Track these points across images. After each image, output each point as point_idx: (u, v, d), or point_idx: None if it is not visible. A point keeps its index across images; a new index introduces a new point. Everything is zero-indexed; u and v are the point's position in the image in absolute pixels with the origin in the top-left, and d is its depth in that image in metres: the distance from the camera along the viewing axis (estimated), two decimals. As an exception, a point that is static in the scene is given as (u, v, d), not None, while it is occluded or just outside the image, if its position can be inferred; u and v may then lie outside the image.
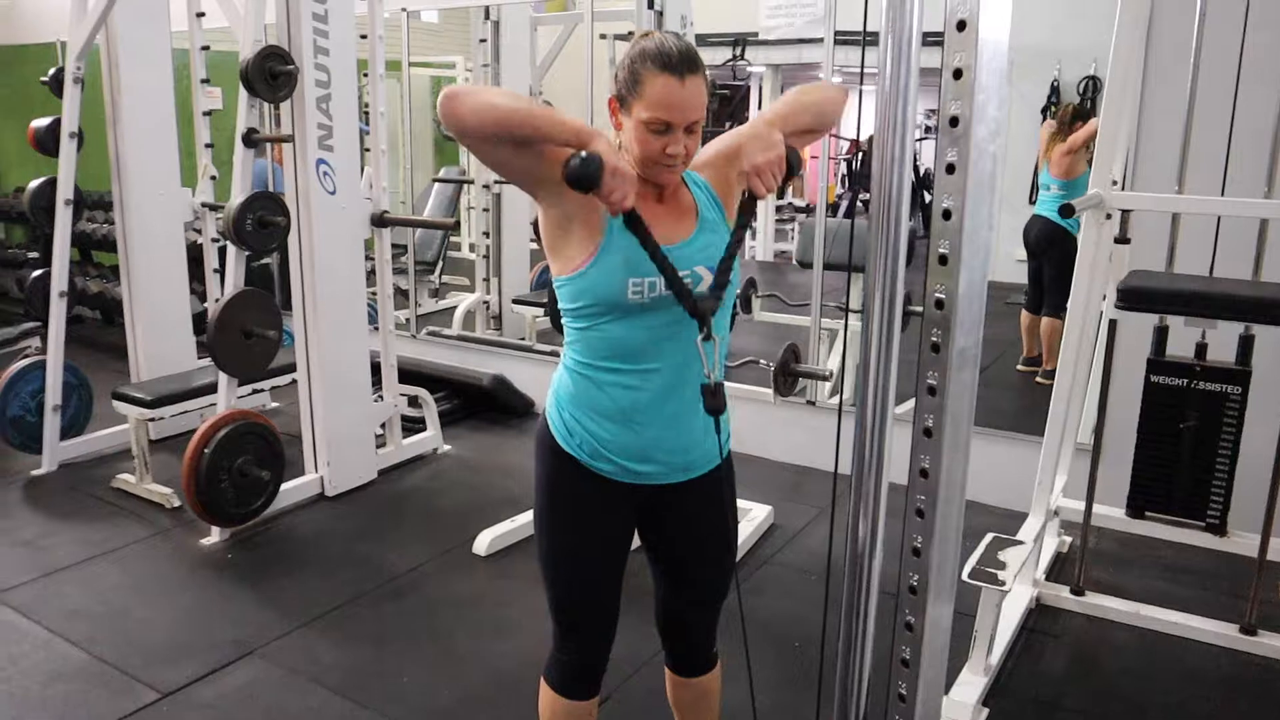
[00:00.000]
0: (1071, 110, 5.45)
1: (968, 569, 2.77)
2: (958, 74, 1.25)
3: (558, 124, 1.60)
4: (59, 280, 4.41)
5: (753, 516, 3.91)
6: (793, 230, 10.84)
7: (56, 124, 4.38)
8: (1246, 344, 3.03)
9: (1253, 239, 3.14)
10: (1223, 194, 3.18)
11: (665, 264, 1.68)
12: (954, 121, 1.26)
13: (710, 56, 7.66)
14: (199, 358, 4.96)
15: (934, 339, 1.33)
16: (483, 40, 6.19)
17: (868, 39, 1.34)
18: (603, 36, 5.76)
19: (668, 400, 1.78)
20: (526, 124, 1.60)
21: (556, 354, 5.20)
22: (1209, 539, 3.18)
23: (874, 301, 1.33)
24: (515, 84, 6.32)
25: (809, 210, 11.54)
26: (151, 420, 4.30)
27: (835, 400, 4.59)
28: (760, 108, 10.33)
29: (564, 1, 6.11)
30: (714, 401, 1.68)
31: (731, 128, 1.98)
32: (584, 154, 1.54)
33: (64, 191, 4.37)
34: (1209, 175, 3.20)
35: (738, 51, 7.36)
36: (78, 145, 4.37)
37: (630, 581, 1.97)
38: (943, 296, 1.32)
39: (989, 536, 2.97)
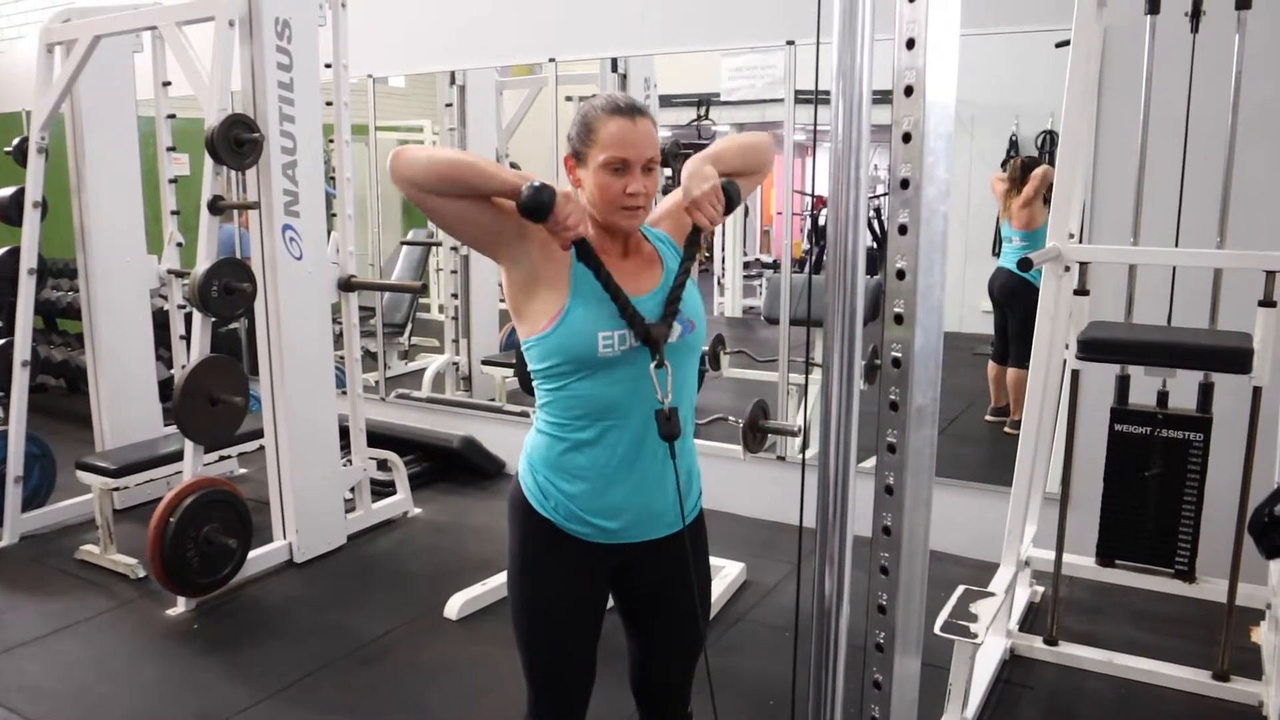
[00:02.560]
0: (1020, 164, 5.53)
1: (940, 622, 2.76)
2: (906, 137, 1.28)
3: (503, 172, 1.67)
4: (22, 349, 4.36)
5: (725, 574, 3.89)
6: (760, 286, 10.91)
7: (20, 193, 4.37)
8: (1206, 391, 3.08)
9: (1208, 288, 3.20)
10: (1177, 245, 3.25)
11: (619, 294, 1.71)
12: (905, 184, 1.29)
13: (675, 117, 7.77)
14: (165, 425, 4.92)
15: (892, 397, 1.35)
16: (449, 104, 6.25)
17: (822, 98, 1.37)
18: (568, 99, 5.82)
19: (640, 454, 1.79)
20: (472, 171, 1.66)
21: (527, 414, 5.18)
22: (1179, 585, 3.20)
23: (833, 357, 1.34)
24: (482, 147, 6.37)
25: (776, 266, 11.63)
26: (116, 489, 4.24)
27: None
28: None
29: (529, 66, 6.16)
30: (668, 427, 1.72)
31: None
32: (536, 183, 1.60)
33: (27, 260, 4.35)
34: (1163, 227, 3.27)
35: (702, 111, 7.47)
36: (42, 214, 4.35)
37: (605, 643, 1.95)
38: (899, 355, 1.33)
39: (960, 589, 2.98)
